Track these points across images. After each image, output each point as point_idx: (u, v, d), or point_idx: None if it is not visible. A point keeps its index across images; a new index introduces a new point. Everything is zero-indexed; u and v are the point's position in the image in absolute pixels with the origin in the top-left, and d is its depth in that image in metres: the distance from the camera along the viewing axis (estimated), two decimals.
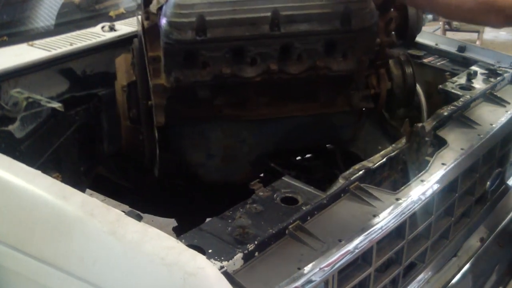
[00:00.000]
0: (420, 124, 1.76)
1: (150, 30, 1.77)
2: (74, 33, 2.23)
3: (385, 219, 1.49)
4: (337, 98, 1.94)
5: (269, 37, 1.66)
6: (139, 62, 1.81)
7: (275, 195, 1.50)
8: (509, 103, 2.16)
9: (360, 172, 1.62)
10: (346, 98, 1.94)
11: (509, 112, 2.11)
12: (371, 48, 1.81)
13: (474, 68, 2.35)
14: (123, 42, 2.19)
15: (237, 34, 1.63)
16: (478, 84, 2.22)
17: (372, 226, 1.45)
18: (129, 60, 1.91)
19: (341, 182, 1.57)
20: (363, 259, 1.48)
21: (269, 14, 1.64)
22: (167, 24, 1.61)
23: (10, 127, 1.87)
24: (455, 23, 7.99)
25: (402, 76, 2.00)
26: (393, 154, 1.75)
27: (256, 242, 1.29)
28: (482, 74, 2.29)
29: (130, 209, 1.36)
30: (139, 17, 1.92)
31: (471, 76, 2.24)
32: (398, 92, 2.00)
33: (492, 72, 2.29)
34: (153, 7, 1.81)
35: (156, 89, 1.74)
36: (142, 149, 1.90)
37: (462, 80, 2.24)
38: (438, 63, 2.47)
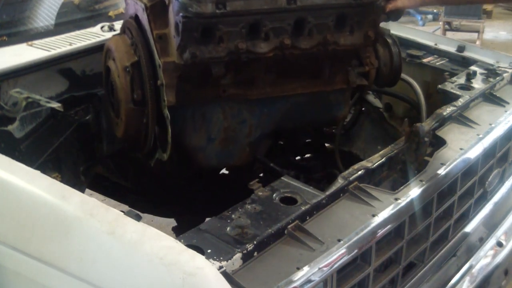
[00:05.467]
0: (419, 124, 1.76)
1: (153, 7, 1.73)
2: (73, 33, 2.23)
3: (384, 219, 1.49)
4: (337, 75, 1.97)
5: (285, 11, 1.68)
6: (143, 41, 1.77)
7: (274, 195, 1.50)
8: (508, 103, 2.17)
9: (359, 172, 1.63)
10: (344, 75, 1.97)
11: (508, 112, 2.11)
12: (377, 23, 1.85)
13: (473, 68, 2.35)
14: None
15: (256, 7, 1.65)
16: (477, 84, 2.22)
17: (371, 226, 1.45)
18: (126, 40, 1.85)
19: (340, 182, 1.57)
20: (362, 259, 1.48)
21: None
22: None
23: (10, 127, 1.87)
24: (455, 23, 8.01)
25: (389, 55, 2.05)
26: (392, 154, 1.76)
27: (255, 242, 1.29)
28: (481, 74, 2.30)
29: (130, 209, 1.36)
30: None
31: (470, 76, 2.24)
32: (385, 70, 2.05)
33: (491, 72, 2.30)
34: None
35: (167, 67, 1.71)
36: (145, 133, 1.85)
37: (462, 80, 2.25)
38: (438, 63, 2.48)
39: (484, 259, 2.00)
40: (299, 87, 1.93)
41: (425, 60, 2.49)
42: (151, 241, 1.20)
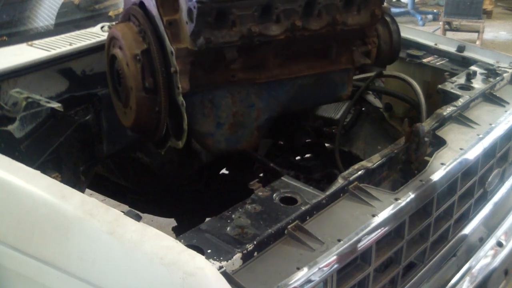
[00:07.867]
0: (419, 124, 1.76)
1: None
2: (73, 33, 2.23)
3: (384, 219, 1.49)
4: (342, 55, 1.99)
5: None
6: (151, 28, 1.76)
7: (274, 195, 1.50)
8: (508, 103, 2.17)
9: (359, 172, 1.63)
10: (349, 55, 1.99)
11: (508, 112, 2.11)
12: (382, 1, 1.87)
13: (473, 68, 2.35)
14: None
15: None
16: (478, 84, 2.22)
17: (371, 226, 1.46)
18: (132, 28, 1.83)
19: (340, 182, 1.57)
20: (362, 259, 1.48)
21: None
22: None
23: (10, 127, 1.87)
24: (455, 23, 8.01)
25: (388, 33, 2.08)
26: (392, 154, 1.76)
27: (255, 242, 1.30)
28: (482, 74, 2.30)
29: (130, 209, 1.36)
30: None
31: (470, 76, 2.24)
32: (385, 48, 2.08)
33: (491, 72, 2.30)
34: None
35: (180, 54, 1.70)
36: (156, 121, 1.83)
37: (462, 80, 2.25)
38: (438, 63, 2.47)
39: (484, 259, 2.00)
40: (306, 68, 1.95)
41: (425, 60, 2.49)
42: (151, 241, 1.20)
